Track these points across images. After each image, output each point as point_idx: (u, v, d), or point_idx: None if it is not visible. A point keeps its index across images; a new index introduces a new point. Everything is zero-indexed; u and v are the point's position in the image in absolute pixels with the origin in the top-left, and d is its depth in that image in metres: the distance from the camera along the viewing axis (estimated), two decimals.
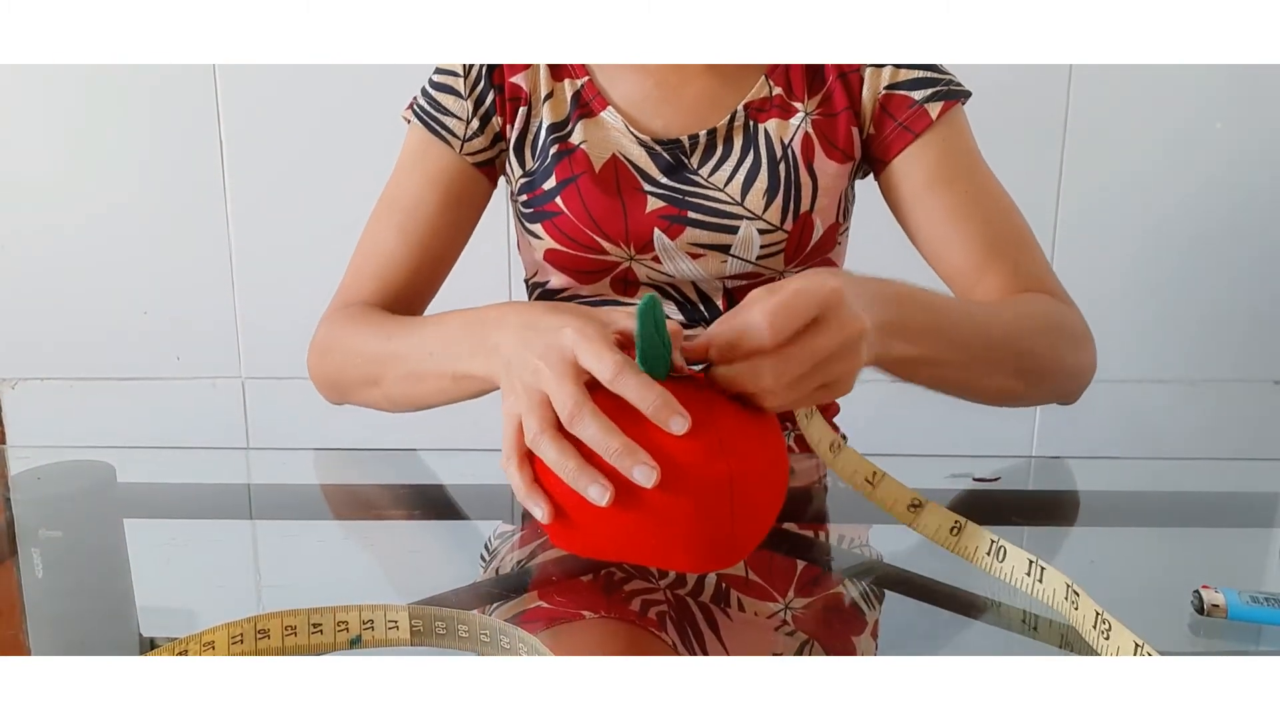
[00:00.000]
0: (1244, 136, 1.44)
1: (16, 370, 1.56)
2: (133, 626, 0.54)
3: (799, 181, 0.78)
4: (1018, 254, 0.77)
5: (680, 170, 0.79)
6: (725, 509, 0.49)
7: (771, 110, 0.79)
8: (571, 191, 0.79)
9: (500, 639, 0.48)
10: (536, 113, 0.81)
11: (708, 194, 0.78)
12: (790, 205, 0.78)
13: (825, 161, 0.79)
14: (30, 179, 1.48)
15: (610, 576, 0.58)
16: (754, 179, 0.78)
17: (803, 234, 0.79)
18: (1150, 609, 0.57)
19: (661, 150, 0.79)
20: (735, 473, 0.49)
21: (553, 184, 0.79)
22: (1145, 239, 1.47)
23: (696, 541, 0.50)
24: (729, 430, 0.50)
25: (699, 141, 0.78)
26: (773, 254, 0.79)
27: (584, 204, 0.79)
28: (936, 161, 0.78)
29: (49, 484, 0.67)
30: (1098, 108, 1.42)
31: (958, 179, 0.78)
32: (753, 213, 0.78)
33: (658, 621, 0.53)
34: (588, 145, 0.79)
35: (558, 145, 0.80)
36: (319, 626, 0.49)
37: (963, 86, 0.79)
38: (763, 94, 0.79)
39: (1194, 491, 0.78)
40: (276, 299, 1.51)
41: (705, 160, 0.79)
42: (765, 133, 0.78)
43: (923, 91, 0.78)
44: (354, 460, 0.88)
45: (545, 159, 0.80)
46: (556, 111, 0.80)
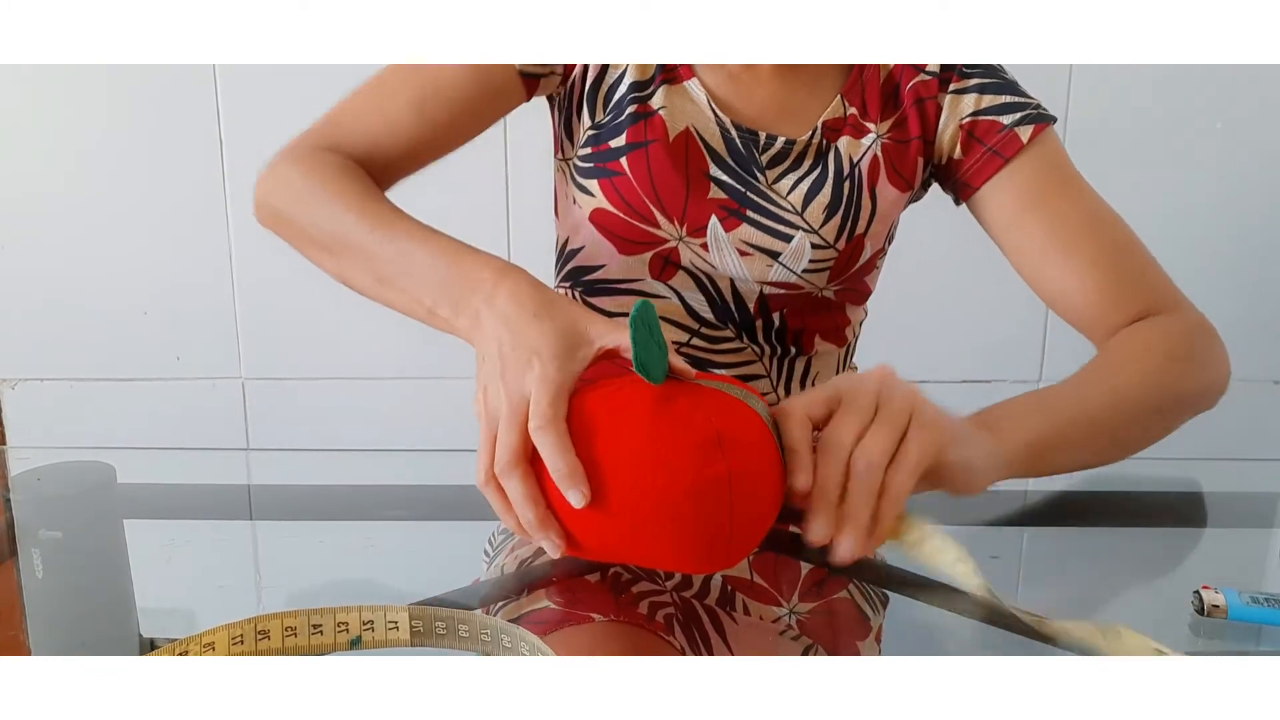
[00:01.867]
0: (1244, 136, 1.44)
1: (16, 370, 1.56)
2: (133, 627, 0.54)
3: (859, 202, 0.77)
4: (1124, 273, 0.74)
5: (749, 163, 0.77)
6: (724, 510, 0.49)
7: (845, 129, 0.78)
8: (639, 156, 0.77)
9: (502, 639, 0.48)
10: (618, 64, 0.78)
11: (770, 195, 0.77)
12: (847, 225, 0.77)
13: (887, 186, 0.78)
14: (30, 179, 1.48)
15: (617, 578, 0.58)
16: (818, 192, 0.77)
17: (852, 254, 0.78)
18: (1150, 609, 0.57)
19: (737, 136, 0.77)
20: (734, 472, 0.49)
21: (622, 143, 0.77)
22: (1145, 239, 1.47)
23: (696, 543, 0.50)
24: (727, 431, 0.50)
25: (775, 145, 0.77)
26: (819, 270, 0.78)
27: (650, 171, 0.77)
28: (1029, 182, 0.75)
29: (49, 484, 0.67)
30: (1098, 108, 1.42)
31: (1053, 197, 0.75)
32: (810, 225, 0.77)
33: (664, 625, 0.53)
34: (666, 112, 0.77)
35: (636, 105, 0.77)
36: (319, 627, 0.49)
37: (1048, 111, 0.78)
38: (838, 113, 0.78)
39: (1194, 491, 0.78)
40: (276, 299, 1.51)
41: (775, 165, 0.77)
42: (836, 151, 0.77)
43: (1011, 116, 0.76)
44: (354, 460, 0.88)
45: (620, 115, 0.77)
46: (643, 69, 0.78)
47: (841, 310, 0.84)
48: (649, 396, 0.51)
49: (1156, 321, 0.71)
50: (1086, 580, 0.60)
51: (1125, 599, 0.59)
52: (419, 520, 0.72)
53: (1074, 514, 0.74)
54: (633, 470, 0.49)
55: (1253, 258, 1.48)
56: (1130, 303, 0.72)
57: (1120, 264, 0.73)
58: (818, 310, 0.81)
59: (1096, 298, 0.73)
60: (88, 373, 1.56)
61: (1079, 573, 0.59)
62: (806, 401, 0.54)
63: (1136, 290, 0.73)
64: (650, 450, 0.48)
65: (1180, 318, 0.72)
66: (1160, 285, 0.74)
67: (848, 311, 0.85)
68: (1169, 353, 0.68)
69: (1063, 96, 1.42)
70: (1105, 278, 0.73)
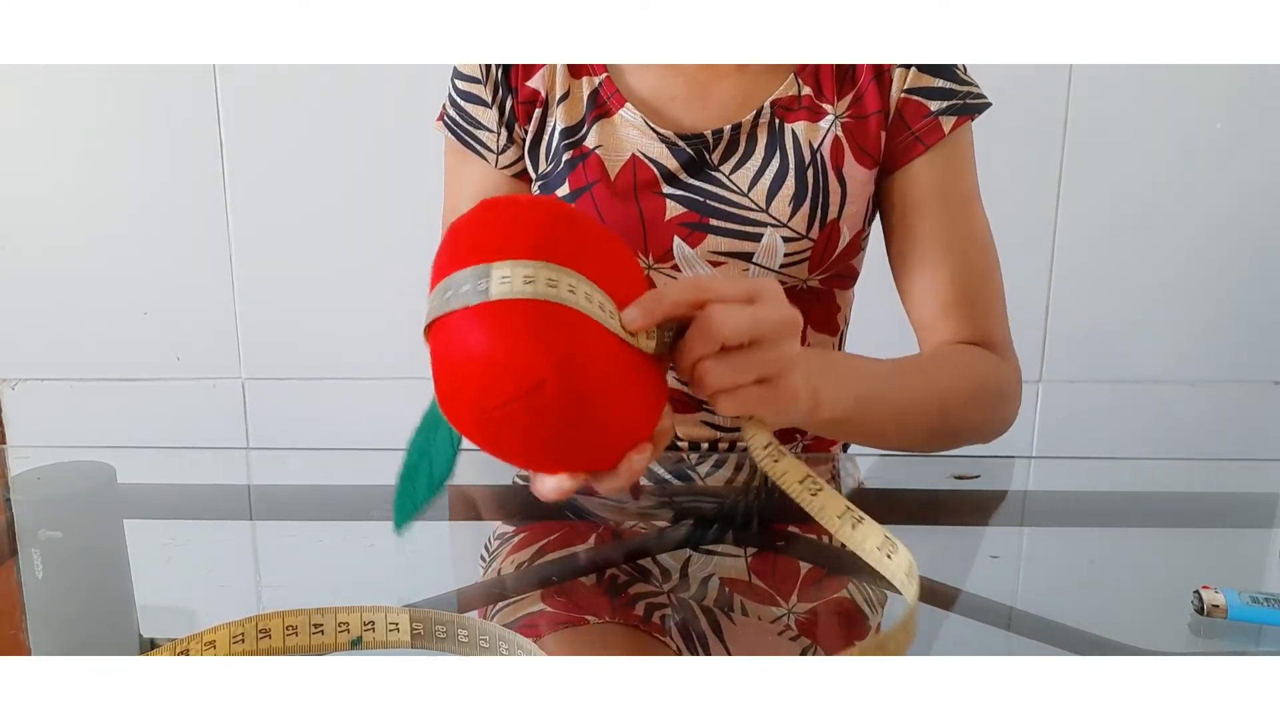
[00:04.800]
0: (1244, 136, 1.44)
1: (16, 370, 1.56)
2: (133, 626, 0.54)
3: (828, 188, 0.76)
4: (978, 300, 0.78)
5: (702, 168, 0.77)
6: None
7: (800, 111, 0.77)
8: (585, 201, 0.77)
9: (500, 644, 0.48)
10: (551, 114, 0.79)
11: (730, 199, 0.76)
12: (818, 213, 0.76)
13: (855, 167, 0.77)
14: (30, 179, 1.48)
15: (614, 580, 0.58)
16: (780, 184, 0.76)
17: (829, 242, 0.77)
18: (1150, 609, 0.57)
19: (683, 145, 0.76)
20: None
21: (566, 191, 0.78)
22: (1145, 239, 1.47)
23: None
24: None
25: (722, 136, 0.76)
26: (797, 262, 0.78)
27: (599, 214, 0.77)
28: (935, 182, 0.77)
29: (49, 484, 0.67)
30: (1098, 108, 1.42)
31: (949, 205, 0.78)
32: (777, 220, 0.76)
33: (660, 625, 0.53)
34: (603, 150, 0.77)
35: (571, 151, 0.78)
36: (320, 627, 0.49)
37: (983, 98, 0.78)
38: (790, 92, 0.77)
39: (1194, 491, 0.78)
40: (276, 299, 1.51)
41: (728, 157, 0.77)
42: (794, 135, 0.76)
43: (939, 103, 0.76)
44: (354, 460, 0.88)
45: (558, 164, 0.78)
46: (571, 114, 0.78)
47: (831, 298, 0.83)
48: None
49: (984, 353, 0.76)
50: (1086, 580, 0.60)
51: (1125, 599, 0.59)
52: (418, 520, 0.72)
53: (1074, 514, 0.74)
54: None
55: (1253, 258, 1.48)
56: (969, 327, 0.77)
57: (976, 290, 0.78)
58: (806, 303, 0.81)
59: (943, 310, 0.77)
60: (88, 373, 1.56)
61: (1079, 573, 0.59)
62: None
63: (979, 319, 0.77)
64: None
65: (1004, 360, 0.77)
66: (999, 323, 0.79)
67: (837, 299, 0.84)
68: (982, 383, 0.74)
69: (1063, 96, 1.42)
70: (960, 297, 0.77)
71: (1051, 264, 1.47)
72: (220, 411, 1.56)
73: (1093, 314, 1.51)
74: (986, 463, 0.80)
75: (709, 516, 0.68)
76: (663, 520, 0.67)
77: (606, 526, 0.67)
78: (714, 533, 0.65)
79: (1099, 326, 1.55)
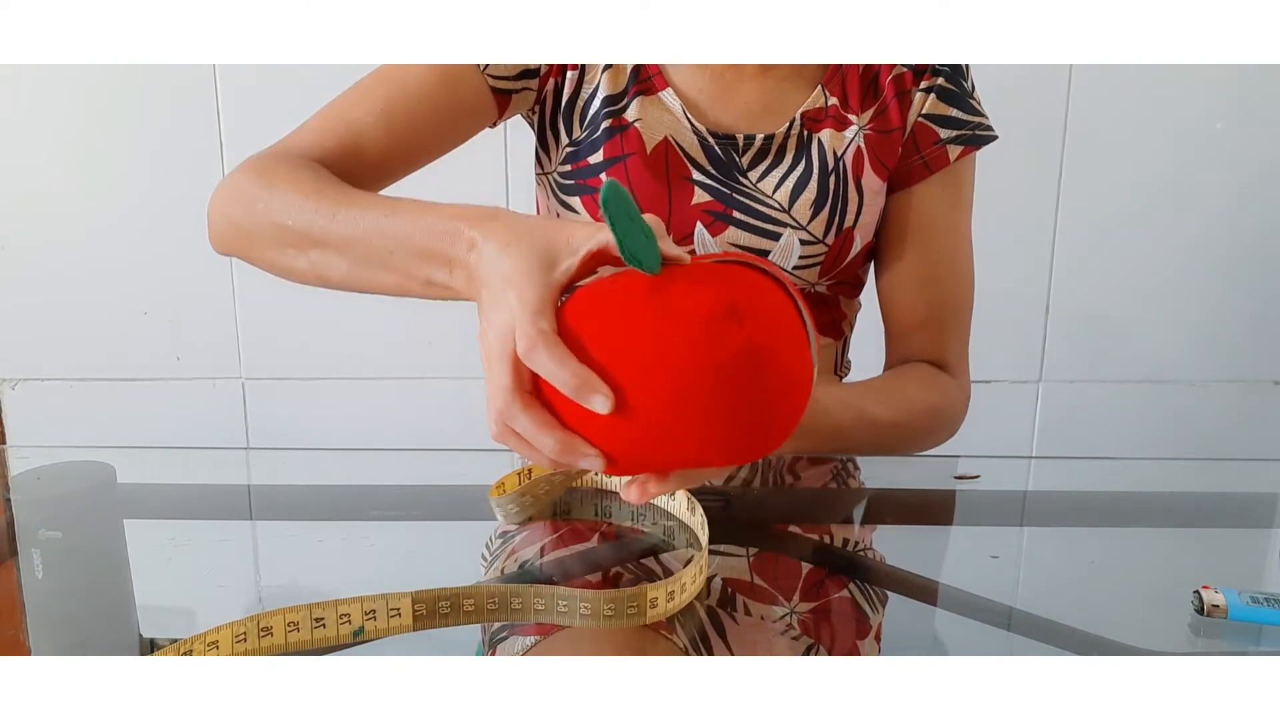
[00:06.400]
0: (1244, 136, 1.44)
1: (16, 370, 1.57)
2: (133, 626, 0.54)
3: (846, 196, 0.78)
4: (947, 325, 0.84)
5: (730, 169, 0.78)
6: (754, 382, 0.44)
7: (826, 120, 0.78)
8: (619, 170, 0.77)
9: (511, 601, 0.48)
10: (592, 78, 0.78)
11: (756, 195, 0.77)
12: (835, 219, 0.78)
13: (872, 178, 0.79)
14: (30, 179, 1.48)
15: (617, 578, 0.58)
16: (803, 188, 0.77)
17: (842, 248, 0.79)
18: (1150, 609, 0.57)
19: (715, 144, 0.77)
20: (756, 341, 0.44)
21: (600, 159, 0.77)
22: (1145, 239, 1.47)
23: (733, 425, 0.45)
24: (740, 301, 0.45)
25: (754, 144, 0.77)
26: (809, 265, 0.79)
27: (630, 186, 0.77)
28: (932, 207, 0.80)
29: (49, 484, 0.67)
30: (1098, 108, 1.42)
31: (939, 239, 0.81)
32: (798, 222, 0.77)
33: (664, 624, 0.53)
34: (642, 124, 0.77)
35: (611, 120, 0.77)
36: (321, 620, 0.49)
37: (990, 130, 0.80)
38: (819, 104, 0.78)
39: (1194, 491, 0.78)
40: (276, 299, 1.50)
41: (756, 164, 0.78)
42: (819, 143, 0.78)
43: (950, 131, 0.78)
44: (354, 460, 0.88)
45: (595, 130, 0.78)
46: (615, 83, 0.78)
47: (837, 304, 0.84)
48: (645, 283, 0.46)
49: (943, 375, 0.83)
50: (1086, 580, 0.60)
51: (1125, 599, 0.59)
52: (418, 520, 0.72)
53: (1074, 514, 0.74)
54: (643, 361, 0.44)
55: (1253, 258, 1.48)
56: (936, 349, 0.83)
57: (947, 317, 0.84)
58: (813, 306, 0.82)
59: (915, 328, 0.83)
60: (88, 373, 1.56)
61: (1079, 573, 0.59)
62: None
63: (947, 344, 0.84)
64: (657, 335, 0.44)
65: (959, 384, 0.84)
66: (961, 351, 0.85)
67: (843, 305, 0.85)
68: (935, 403, 0.81)
69: (1063, 96, 1.42)
70: (935, 321, 0.83)
71: (1051, 264, 1.47)
72: (220, 411, 1.56)
73: (1093, 314, 1.51)
74: (986, 463, 0.80)
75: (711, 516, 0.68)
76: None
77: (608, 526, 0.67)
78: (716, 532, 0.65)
79: (1099, 326, 1.55)
